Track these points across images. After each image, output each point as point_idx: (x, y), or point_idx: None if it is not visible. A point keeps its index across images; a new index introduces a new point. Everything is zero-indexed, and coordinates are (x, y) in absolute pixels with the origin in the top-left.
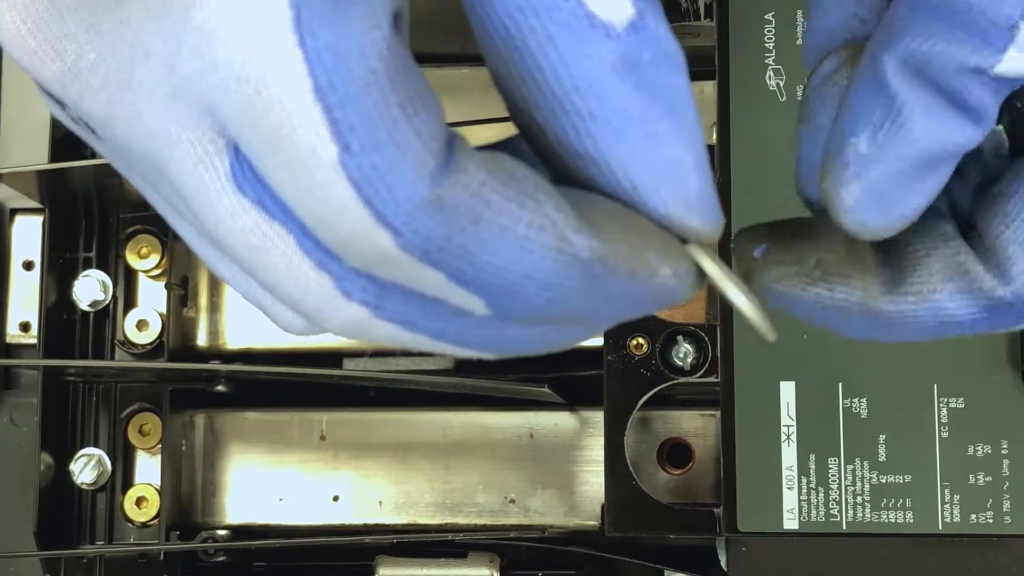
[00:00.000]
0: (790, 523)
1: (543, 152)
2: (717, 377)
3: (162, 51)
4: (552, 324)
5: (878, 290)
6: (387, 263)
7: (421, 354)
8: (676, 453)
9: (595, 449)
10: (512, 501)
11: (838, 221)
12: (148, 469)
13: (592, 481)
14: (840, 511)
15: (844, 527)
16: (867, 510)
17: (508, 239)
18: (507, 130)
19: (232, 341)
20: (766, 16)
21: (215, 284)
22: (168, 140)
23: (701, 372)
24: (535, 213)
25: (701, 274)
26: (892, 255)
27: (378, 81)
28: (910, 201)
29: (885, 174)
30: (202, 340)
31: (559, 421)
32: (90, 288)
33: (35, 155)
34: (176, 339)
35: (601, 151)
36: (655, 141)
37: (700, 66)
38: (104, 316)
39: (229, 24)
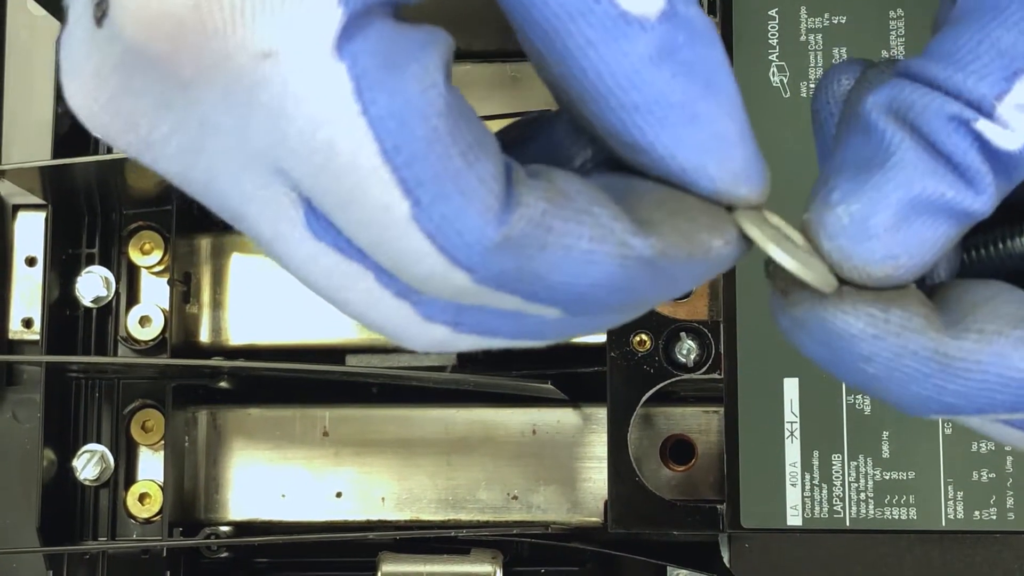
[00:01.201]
0: (793, 520)
1: (598, 143)
2: (720, 374)
3: (232, 126)
4: (620, 313)
5: (939, 322)
6: (467, 295)
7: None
8: (679, 450)
9: (598, 446)
10: (515, 497)
11: (821, 248)
12: (151, 465)
13: (595, 478)
14: (843, 508)
15: (847, 524)
16: (870, 507)
17: (573, 256)
18: None
19: (235, 337)
20: (770, 12)
21: (218, 280)
22: (244, 197)
23: (704, 368)
24: (594, 227)
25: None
26: (947, 304)
27: (439, 136)
28: (898, 242)
29: (868, 207)
30: (205, 336)
31: (562, 417)
32: (93, 284)
33: (38, 151)
34: (179, 335)
35: (649, 140)
36: (697, 122)
37: None
38: (107, 312)
39: (294, 100)
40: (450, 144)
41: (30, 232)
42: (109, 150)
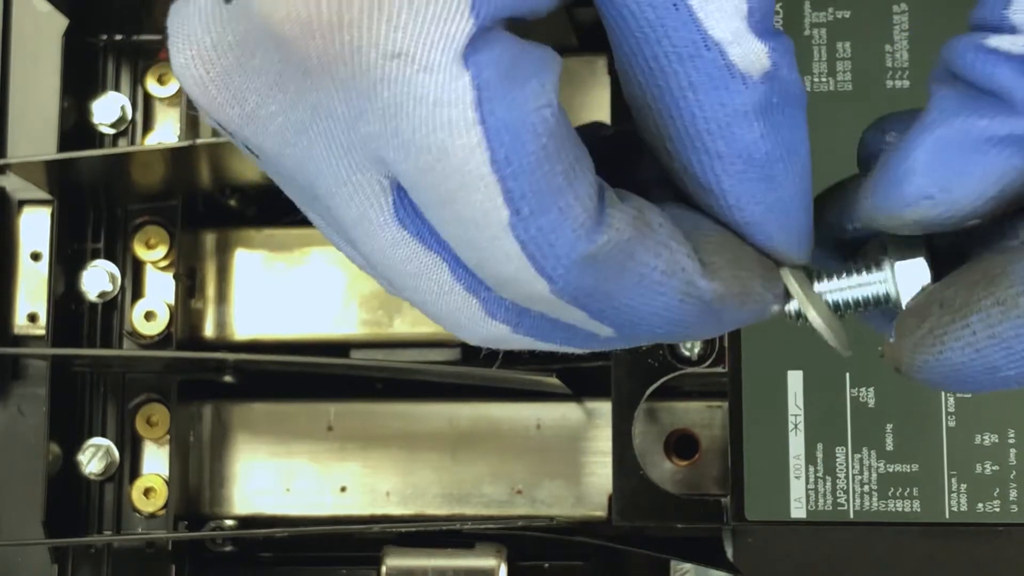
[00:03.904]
0: (797, 512)
1: (666, 170)
2: (724, 367)
3: (344, 114)
4: (659, 339)
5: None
6: (536, 301)
7: (428, 345)
8: (683, 444)
9: (602, 440)
10: (519, 492)
11: (865, 212)
12: (156, 460)
13: (599, 472)
14: (847, 500)
15: (851, 516)
16: (874, 499)
17: (645, 285)
18: None
19: (239, 332)
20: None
21: (222, 275)
22: (337, 179)
23: (708, 362)
24: (669, 262)
25: (788, 293)
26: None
27: (547, 154)
28: (932, 181)
29: (901, 156)
30: (210, 331)
31: (566, 412)
32: (98, 279)
33: (43, 146)
34: (184, 330)
35: (723, 189)
36: (771, 183)
37: None
38: (112, 307)
39: (415, 101)
40: (556, 161)
41: (35, 227)
42: (114, 144)
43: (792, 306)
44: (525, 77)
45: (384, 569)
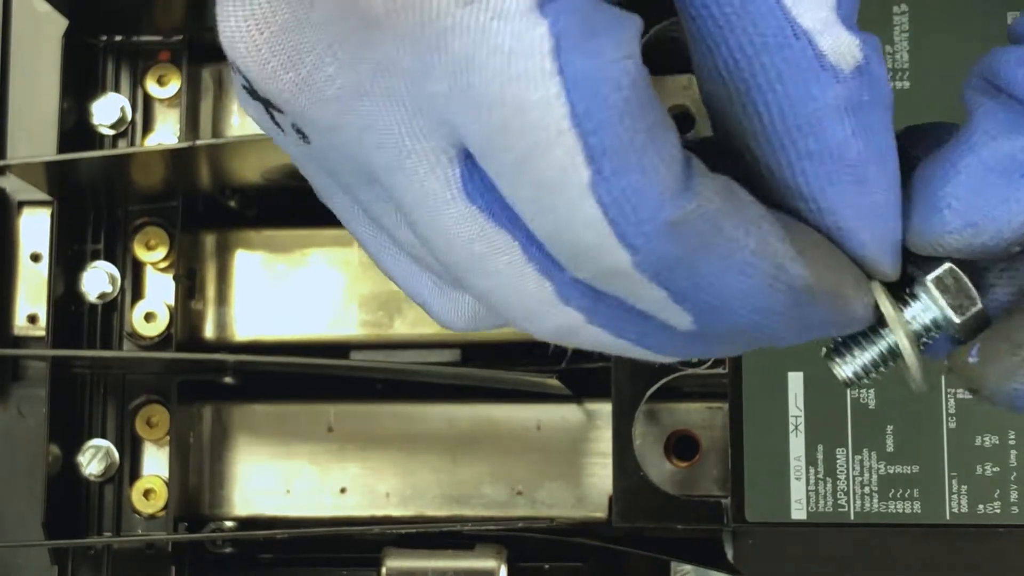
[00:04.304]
0: (798, 513)
1: (748, 175)
2: (725, 368)
3: (409, 70)
4: (741, 344)
5: None
6: (615, 278)
7: (428, 346)
8: (683, 446)
9: (602, 441)
10: (519, 493)
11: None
12: (156, 461)
13: (599, 473)
14: (848, 501)
15: (852, 517)
16: (875, 500)
17: (732, 264)
18: None
19: (240, 333)
20: None
21: (223, 276)
22: (400, 149)
23: (709, 363)
24: (759, 241)
25: (877, 310)
26: None
27: (630, 108)
28: (976, 208)
29: (939, 180)
30: (210, 332)
31: (566, 413)
32: (98, 280)
33: (43, 147)
34: (184, 331)
35: (812, 190)
36: (864, 186)
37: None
38: (112, 308)
39: (489, 51)
40: (639, 117)
41: (35, 228)
42: (114, 145)
43: (851, 366)
44: (605, 27)
45: (384, 570)
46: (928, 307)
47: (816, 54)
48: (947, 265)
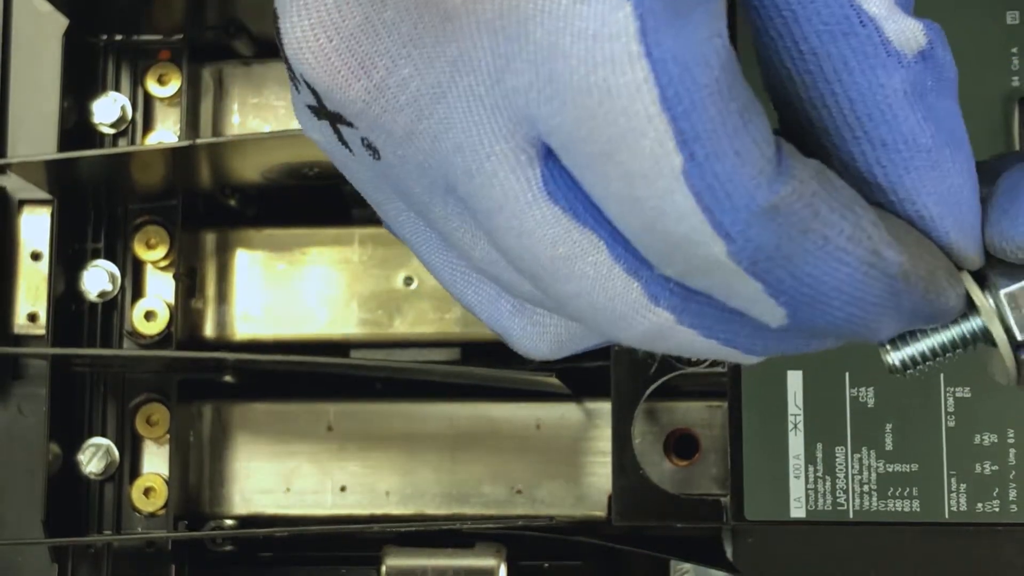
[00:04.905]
0: (797, 512)
1: None
2: (724, 367)
3: (489, 64)
4: (833, 338)
5: None
6: (709, 271)
7: (428, 345)
8: (683, 444)
9: (602, 440)
10: (519, 492)
11: (985, 234)
12: (156, 459)
13: (599, 472)
14: (847, 500)
15: (851, 516)
16: (874, 499)
17: (828, 250)
18: None
19: (239, 331)
20: None
21: (222, 275)
22: (479, 151)
23: (708, 362)
24: (855, 226)
25: (968, 301)
26: None
27: (720, 90)
28: None
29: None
30: (210, 331)
31: (566, 412)
32: (98, 279)
33: (43, 146)
34: (184, 330)
35: (891, 180)
36: (940, 171)
37: None
38: (112, 307)
39: (571, 37)
40: (729, 99)
41: (36, 227)
42: (114, 144)
43: (903, 352)
44: (691, 6)
45: (384, 569)
46: (992, 317)
47: (882, 39)
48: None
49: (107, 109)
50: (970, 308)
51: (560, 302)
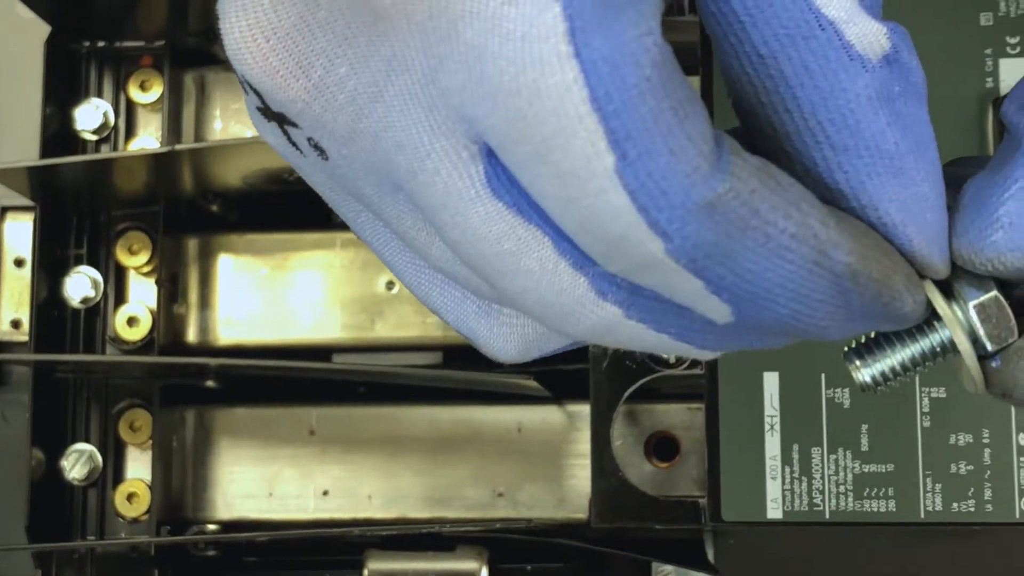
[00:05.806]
0: (774, 512)
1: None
2: (701, 369)
3: (423, 64)
4: (784, 336)
5: None
6: (649, 269)
7: (410, 349)
8: (663, 446)
9: (583, 443)
10: (501, 495)
11: (952, 246)
12: (139, 465)
13: (580, 475)
14: (823, 500)
15: (827, 516)
16: (850, 499)
17: (770, 248)
18: None
19: (222, 337)
20: None
21: (205, 281)
22: (419, 150)
23: (686, 364)
24: (799, 225)
25: (928, 308)
26: None
27: (652, 88)
28: None
29: (996, 199)
30: (192, 336)
31: (547, 415)
32: (81, 285)
33: (26, 152)
34: (166, 336)
35: (852, 185)
36: (904, 178)
37: (683, 61)
38: (95, 313)
39: (500, 38)
40: (662, 97)
41: (18, 233)
42: (97, 151)
43: (872, 368)
44: (621, 5)
45: (366, 572)
46: (955, 326)
47: (843, 43)
48: (994, 293)
49: (89, 115)
50: (937, 319)
51: (511, 299)
